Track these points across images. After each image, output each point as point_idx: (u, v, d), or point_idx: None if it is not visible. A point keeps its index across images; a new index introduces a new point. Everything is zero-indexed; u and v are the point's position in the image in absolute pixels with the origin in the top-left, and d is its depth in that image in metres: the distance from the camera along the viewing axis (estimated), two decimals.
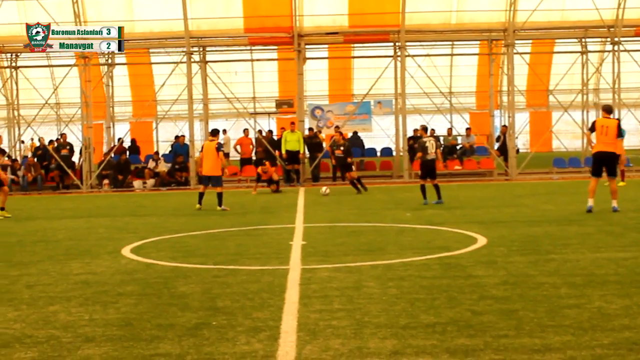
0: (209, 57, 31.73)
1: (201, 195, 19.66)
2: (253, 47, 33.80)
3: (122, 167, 29.90)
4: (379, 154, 33.61)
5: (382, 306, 7.60)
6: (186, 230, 15.03)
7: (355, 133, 32.76)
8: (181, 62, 30.36)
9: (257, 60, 38.27)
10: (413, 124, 34.30)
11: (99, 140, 35.29)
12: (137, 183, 29.56)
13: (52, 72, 39.54)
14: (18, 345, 6.48)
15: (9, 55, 32.74)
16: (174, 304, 7.96)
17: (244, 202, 21.83)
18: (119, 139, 32.19)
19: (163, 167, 30.24)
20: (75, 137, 34.03)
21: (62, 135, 32.88)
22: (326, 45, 34.68)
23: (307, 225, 15.49)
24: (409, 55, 30.14)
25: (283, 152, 28.34)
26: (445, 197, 19.65)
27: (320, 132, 31.20)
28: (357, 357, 5.93)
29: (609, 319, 6.88)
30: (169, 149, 32.62)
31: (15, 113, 34.11)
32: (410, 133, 30.82)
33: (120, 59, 35.03)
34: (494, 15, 30.23)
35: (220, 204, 19.21)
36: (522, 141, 42.11)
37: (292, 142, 27.95)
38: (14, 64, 32.96)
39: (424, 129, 21.55)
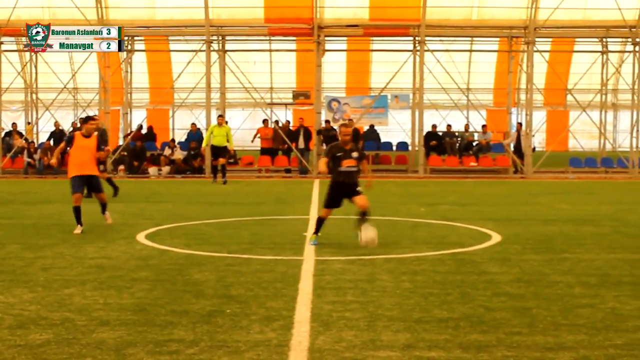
0: (227, 47, 31.70)
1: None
2: (272, 38, 33.86)
3: (138, 153, 29.97)
4: (394, 148, 33.49)
5: (395, 300, 7.62)
6: (201, 218, 15.07)
7: (371, 126, 32.69)
8: (200, 51, 30.42)
9: (276, 50, 38.47)
10: (430, 119, 34.21)
11: (115, 126, 35.30)
12: (152, 170, 29.65)
13: (72, 57, 39.66)
14: (33, 326, 6.53)
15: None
16: (188, 290, 8.01)
17: (259, 192, 21.89)
18: (139, 125, 32.28)
19: (179, 154, 30.27)
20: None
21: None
22: (345, 38, 34.57)
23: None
24: (428, 50, 30.05)
25: (204, 145, 26.79)
26: (460, 193, 19.60)
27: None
28: (370, 349, 5.95)
29: (622, 319, 6.87)
30: (185, 137, 32.76)
31: (34, 96, 34.38)
32: (427, 128, 30.91)
33: (139, 45, 35.06)
34: (515, 13, 30.08)
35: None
36: (538, 140, 41.88)
37: (219, 137, 26.61)
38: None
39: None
